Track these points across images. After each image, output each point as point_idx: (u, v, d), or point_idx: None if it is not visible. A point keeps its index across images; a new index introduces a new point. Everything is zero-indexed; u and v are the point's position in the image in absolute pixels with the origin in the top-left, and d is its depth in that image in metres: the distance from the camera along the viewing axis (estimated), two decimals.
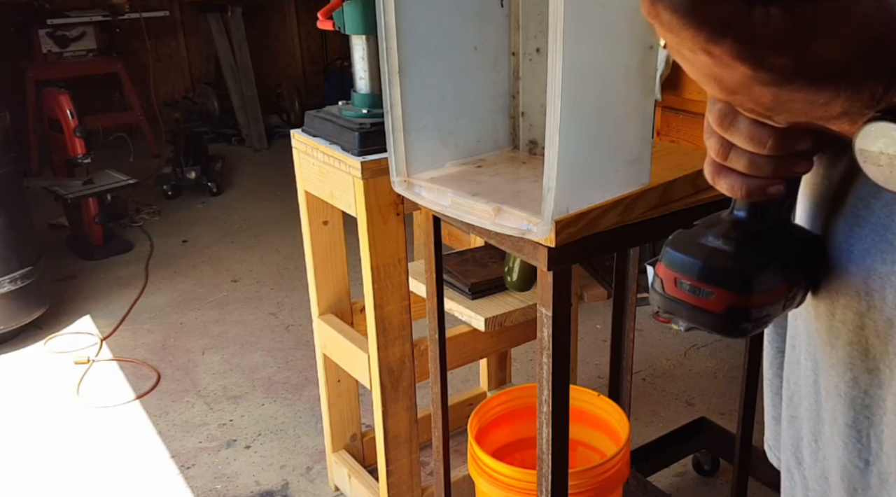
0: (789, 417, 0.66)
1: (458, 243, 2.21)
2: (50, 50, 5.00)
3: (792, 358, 0.65)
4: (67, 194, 3.63)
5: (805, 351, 0.61)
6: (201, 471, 2.28)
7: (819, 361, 0.59)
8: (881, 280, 0.50)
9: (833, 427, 0.57)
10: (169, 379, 2.75)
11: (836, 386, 0.56)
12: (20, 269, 2.91)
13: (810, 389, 0.61)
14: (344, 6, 1.63)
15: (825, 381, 0.58)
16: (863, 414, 0.54)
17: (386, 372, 1.74)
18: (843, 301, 0.53)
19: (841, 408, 0.56)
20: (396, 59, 1.31)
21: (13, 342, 3.00)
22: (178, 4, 5.71)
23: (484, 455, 1.61)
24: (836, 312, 0.54)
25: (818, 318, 0.57)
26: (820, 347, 0.57)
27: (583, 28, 1.06)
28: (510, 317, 1.72)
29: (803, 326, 0.61)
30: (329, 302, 1.98)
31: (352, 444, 2.14)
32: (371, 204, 1.60)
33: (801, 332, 0.62)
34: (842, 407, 0.56)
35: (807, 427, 0.62)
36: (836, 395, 0.56)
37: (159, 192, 4.55)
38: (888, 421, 0.52)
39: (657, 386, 2.62)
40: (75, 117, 3.95)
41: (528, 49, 1.46)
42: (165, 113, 5.58)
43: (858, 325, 0.52)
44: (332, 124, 1.69)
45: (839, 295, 0.54)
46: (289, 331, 3.06)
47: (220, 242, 3.95)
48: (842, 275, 0.53)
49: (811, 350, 0.60)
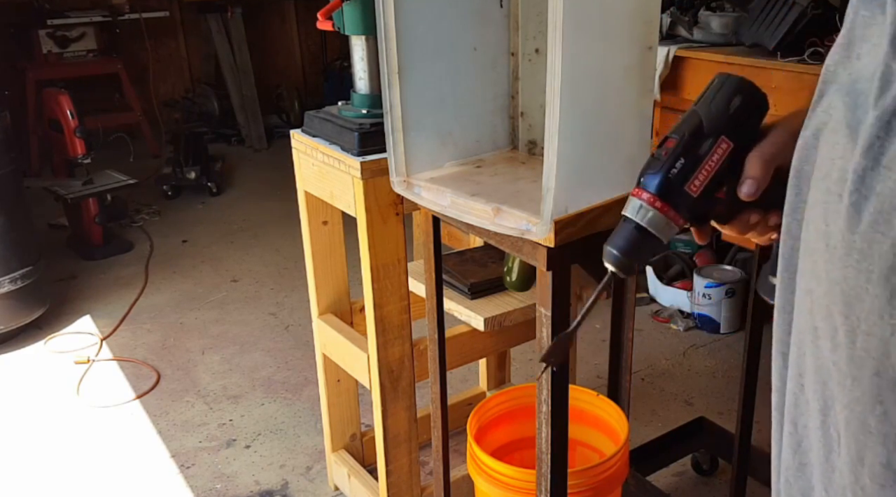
0: (798, 465, 0.64)
1: (458, 243, 2.21)
2: (50, 50, 5.00)
3: (801, 400, 0.62)
4: (67, 194, 3.63)
5: (812, 389, 0.59)
6: (201, 470, 2.28)
7: (835, 399, 0.57)
8: None
9: (856, 470, 0.55)
10: (169, 379, 2.75)
11: (862, 423, 0.54)
12: (20, 269, 2.91)
13: (818, 433, 0.59)
14: (343, 7, 1.64)
15: (844, 420, 0.56)
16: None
17: (385, 372, 1.74)
18: (864, 327, 0.52)
19: (872, 446, 0.53)
20: (396, 60, 1.31)
21: (13, 342, 3.00)
22: (178, 5, 5.71)
23: (483, 455, 1.61)
24: (858, 341, 0.53)
25: (835, 350, 0.56)
26: (838, 381, 0.56)
27: (582, 28, 1.07)
28: (509, 317, 1.72)
29: (812, 363, 0.59)
30: (329, 302, 1.98)
31: (351, 444, 2.15)
32: (370, 204, 1.60)
33: (809, 370, 0.60)
34: (873, 445, 0.53)
35: (817, 475, 0.60)
36: (863, 433, 0.54)
37: (159, 192, 4.56)
38: None
39: (656, 386, 2.62)
40: (75, 117, 3.95)
41: (527, 49, 1.47)
42: (165, 113, 5.58)
43: (884, 354, 0.52)
44: (331, 124, 1.69)
45: (860, 321, 0.53)
46: (288, 331, 3.07)
47: (220, 242, 3.96)
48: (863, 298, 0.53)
49: (818, 387, 0.58)
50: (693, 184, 0.69)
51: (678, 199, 0.69)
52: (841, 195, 0.54)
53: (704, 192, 0.70)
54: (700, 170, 0.69)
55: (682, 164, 0.69)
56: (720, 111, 0.69)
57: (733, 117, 0.69)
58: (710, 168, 0.69)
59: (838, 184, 0.54)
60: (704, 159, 0.69)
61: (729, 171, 0.70)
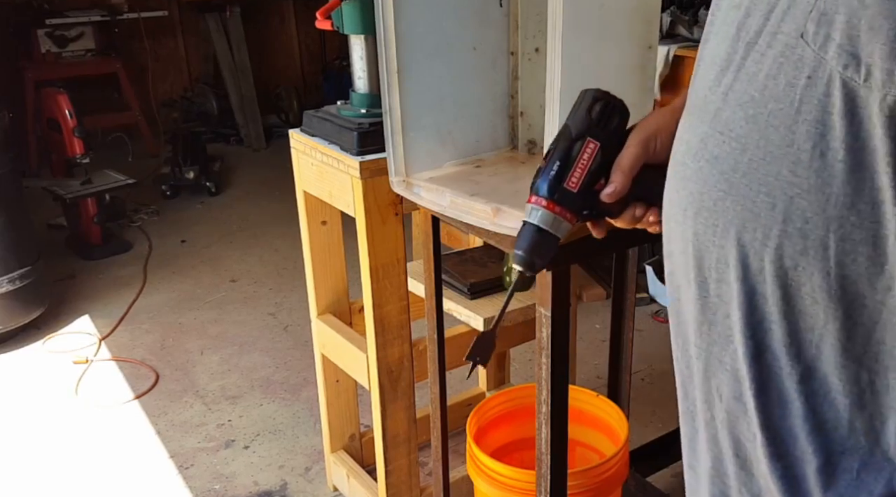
0: (689, 425, 0.72)
1: (457, 243, 2.21)
2: (49, 50, 4.99)
3: (682, 363, 0.70)
4: (66, 194, 3.63)
5: (691, 351, 0.67)
6: (200, 471, 2.28)
7: (690, 342, 0.66)
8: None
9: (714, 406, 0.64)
10: (167, 379, 2.75)
11: (719, 361, 0.62)
12: (19, 269, 2.91)
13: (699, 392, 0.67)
14: (342, 6, 1.63)
15: (703, 364, 0.64)
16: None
17: (385, 372, 1.74)
18: (714, 275, 0.62)
19: (728, 382, 0.62)
20: (395, 60, 1.31)
21: (12, 342, 3.00)
22: (177, 4, 5.70)
23: (483, 455, 1.61)
24: (710, 289, 0.62)
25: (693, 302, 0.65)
26: (694, 329, 0.65)
27: (581, 28, 1.06)
28: (509, 317, 1.72)
29: (683, 324, 0.67)
30: (328, 302, 1.98)
31: (350, 445, 2.14)
32: (370, 204, 1.60)
33: (686, 332, 0.68)
34: (728, 381, 0.62)
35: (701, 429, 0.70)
36: (721, 371, 0.63)
37: (158, 192, 4.55)
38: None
39: (656, 386, 2.62)
40: (74, 117, 3.94)
41: (526, 49, 1.46)
42: (164, 113, 5.57)
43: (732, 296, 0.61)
44: (330, 124, 1.68)
45: (711, 270, 0.62)
46: (287, 331, 3.06)
47: (219, 242, 3.95)
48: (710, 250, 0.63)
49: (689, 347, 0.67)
50: (570, 181, 0.80)
51: (562, 197, 0.80)
52: (686, 163, 0.63)
53: (583, 187, 0.80)
54: (575, 168, 0.80)
55: (558, 166, 0.80)
56: (583, 117, 0.81)
57: (595, 121, 0.80)
58: (584, 165, 0.80)
59: (686, 156, 0.63)
60: (576, 159, 0.80)
61: (602, 168, 0.81)
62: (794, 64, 0.53)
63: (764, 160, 0.55)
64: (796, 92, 0.53)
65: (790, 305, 0.56)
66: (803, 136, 0.53)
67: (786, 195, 0.54)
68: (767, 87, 0.55)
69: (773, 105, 0.55)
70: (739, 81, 0.58)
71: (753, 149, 0.56)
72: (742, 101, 0.57)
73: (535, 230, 0.81)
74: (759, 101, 0.56)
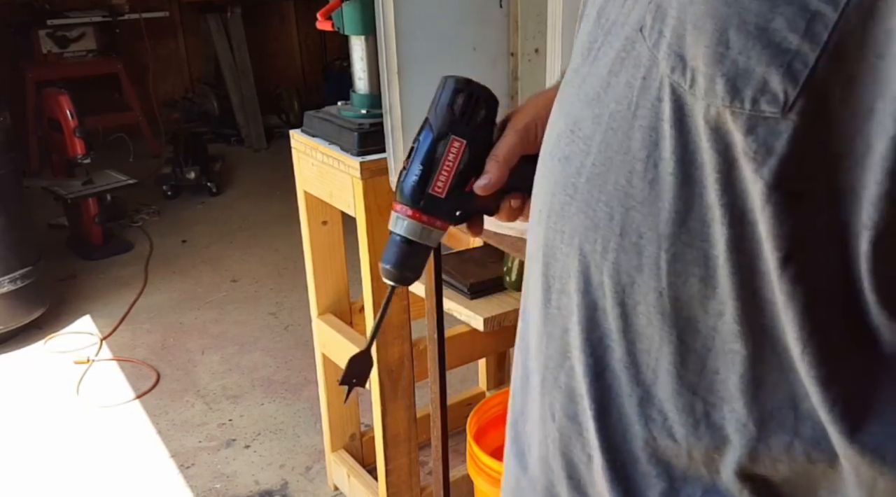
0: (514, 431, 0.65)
1: (457, 243, 2.21)
2: (50, 50, 5.00)
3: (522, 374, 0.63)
4: (67, 194, 3.63)
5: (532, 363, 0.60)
6: (201, 470, 2.28)
7: (531, 357, 0.59)
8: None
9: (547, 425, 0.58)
10: (168, 379, 2.75)
11: (554, 379, 0.56)
12: (20, 269, 2.91)
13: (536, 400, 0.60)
14: (343, 6, 1.64)
15: (540, 378, 0.58)
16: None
17: (385, 372, 1.74)
18: (557, 286, 0.56)
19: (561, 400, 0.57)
20: (395, 60, 1.31)
21: (13, 342, 3.00)
22: (178, 5, 5.71)
23: (483, 454, 1.61)
24: (552, 299, 0.56)
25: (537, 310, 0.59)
26: (535, 343, 0.58)
27: None
28: (509, 316, 1.72)
29: (529, 336, 0.61)
30: (328, 302, 1.98)
31: (351, 444, 2.15)
32: (370, 204, 1.60)
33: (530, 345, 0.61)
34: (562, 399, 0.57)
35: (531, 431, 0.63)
36: (555, 389, 0.56)
37: (159, 192, 4.55)
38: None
39: None
40: (75, 117, 3.95)
41: (526, 49, 1.47)
42: (165, 113, 5.58)
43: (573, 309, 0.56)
44: (331, 124, 1.69)
45: (555, 279, 0.56)
46: (288, 330, 3.07)
47: (220, 242, 3.96)
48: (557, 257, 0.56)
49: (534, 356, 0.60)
50: (436, 186, 0.70)
51: (429, 204, 0.70)
52: (544, 160, 0.56)
53: (451, 192, 0.70)
54: (440, 172, 0.70)
55: (420, 170, 0.70)
56: (444, 112, 0.70)
57: (459, 116, 0.70)
58: (450, 168, 0.70)
59: (545, 152, 0.57)
60: (441, 161, 0.70)
61: (472, 166, 0.71)
62: (633, 61, 0.47)
63: (604, 166, 0.49)
64: (633, 93, 0.47)
65: (628, 324, 0.50)
66: (639, 143, 0.47)
67: (622, 206, 0.48)
68: (610, 84, 0.49)
69: (613, 106, 0.48)
70: (591, 75, 0.51)
71: (596, 152, 0.50)
72: (589, 97, 0.51)
73: (404, 242, 0.72)
74: (603, 99, 0.49)
